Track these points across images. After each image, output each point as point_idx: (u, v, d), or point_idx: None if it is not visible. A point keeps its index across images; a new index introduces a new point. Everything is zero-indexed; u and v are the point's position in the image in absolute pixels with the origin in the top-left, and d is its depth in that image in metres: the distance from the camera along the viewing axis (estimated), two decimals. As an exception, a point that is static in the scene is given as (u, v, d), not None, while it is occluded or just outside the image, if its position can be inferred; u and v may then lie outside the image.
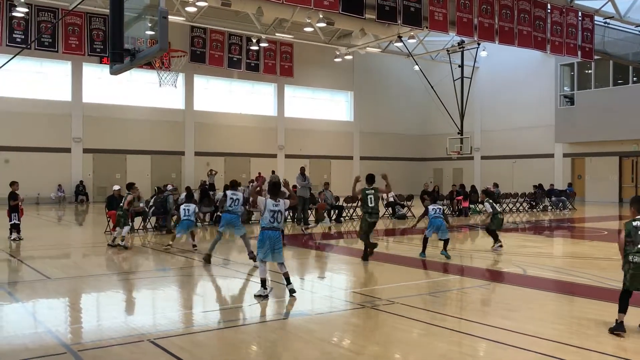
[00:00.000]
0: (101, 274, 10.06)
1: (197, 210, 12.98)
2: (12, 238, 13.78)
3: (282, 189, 8.27)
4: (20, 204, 14.08)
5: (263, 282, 7.74)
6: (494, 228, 12.59)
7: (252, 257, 10.28)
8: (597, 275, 9.46)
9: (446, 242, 11.47)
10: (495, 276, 9.80)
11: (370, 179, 11.09)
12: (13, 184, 14.17)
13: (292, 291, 7.77)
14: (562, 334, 6.23)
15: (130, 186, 13.70)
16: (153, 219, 16.95)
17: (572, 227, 19.45)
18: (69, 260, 12.07)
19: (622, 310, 6.11)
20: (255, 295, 7.71)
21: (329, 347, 5.73)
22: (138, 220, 16.71)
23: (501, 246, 12.43)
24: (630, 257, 6.08)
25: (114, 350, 5.53)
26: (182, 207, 12.56)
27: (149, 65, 17.86)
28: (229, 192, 11.01)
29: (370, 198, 10.88)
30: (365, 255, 10.99)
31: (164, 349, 5.52)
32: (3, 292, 8.17)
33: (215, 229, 17.21)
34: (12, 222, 13.89)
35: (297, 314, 7.03)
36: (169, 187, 17.66)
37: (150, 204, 17.10)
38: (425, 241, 11.57)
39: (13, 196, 13.97)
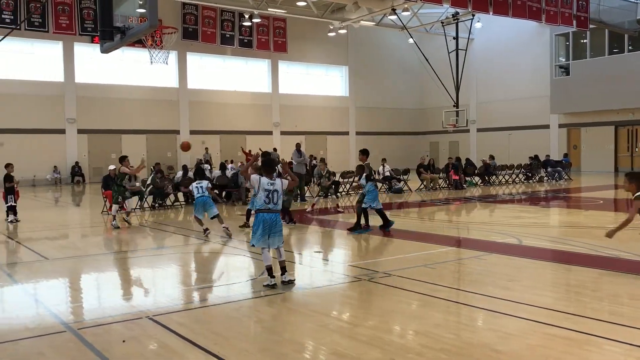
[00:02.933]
0: (99, 254, 10.09)
1: (209, 186, 11.82)
2: (9, 220, 13.79)
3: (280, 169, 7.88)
4: (15, 186, 14.07)
5: (269, 271, 7.04)
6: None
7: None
8: (593, 244, 9.51)
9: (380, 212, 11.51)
10: (491, 247, 9.85)
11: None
12: (8, 165, 14.16)
13: (288, 282, 7.09)
14: (558, 302, 6.29)
15: (122, 159, 13.77)
16: (150, 198, 17.00)
17: (567, 198, 19.54)
18: (67, 240, 12.09)
19: None
20: (264, 286, 7.08)
21: (327, 319, 5.78)
22: (135, 200, 16.74)
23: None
24: None
25: (113, 327, 5.57)
26: (194, 185, 11.49)
27: (141, 43, 17.71)
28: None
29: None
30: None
31: (163, 325, 5.55)
32: (2, 274, 8.20)
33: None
34: (9, 204, 13.91)
35: (295, 288, 7.07)
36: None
37: (148, 182, 17.15)
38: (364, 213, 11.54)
39: (8, 178, 13.98)
